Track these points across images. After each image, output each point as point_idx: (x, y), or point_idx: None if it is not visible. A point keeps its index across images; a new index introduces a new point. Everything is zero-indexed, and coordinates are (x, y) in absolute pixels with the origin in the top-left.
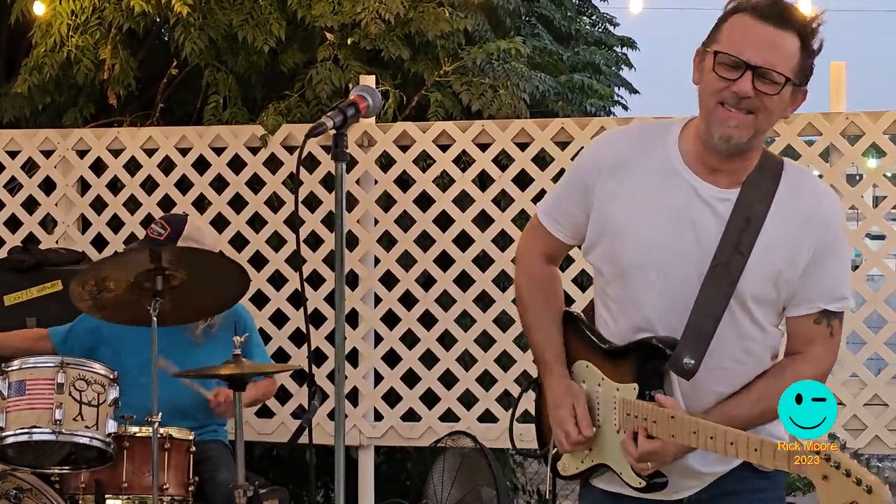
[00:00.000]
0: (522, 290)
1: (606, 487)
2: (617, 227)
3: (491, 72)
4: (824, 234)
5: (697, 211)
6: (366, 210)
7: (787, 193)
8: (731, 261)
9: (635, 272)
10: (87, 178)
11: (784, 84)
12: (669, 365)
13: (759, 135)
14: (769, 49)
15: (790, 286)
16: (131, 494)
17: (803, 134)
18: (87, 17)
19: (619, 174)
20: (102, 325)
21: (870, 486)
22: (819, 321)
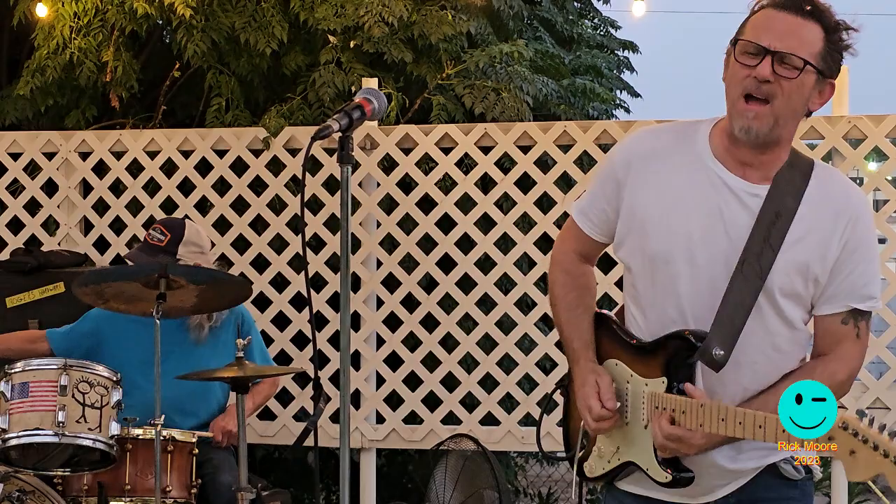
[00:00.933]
0: (556, 285)
1: (633, 490)
2: (646, 218)
3: (493, 75)
4: (854, 230)
5: (727, 204)
6: (368, 213)
7: (818, 190)
8: (761, 254)
9: (664, 264)
10: (90, 180)
11: (803, 68)
12: (699, 356)
13: (781, 124)
14: (788, 35)
15: (819, 282)
16: (134, 496)
17: (805, 137)
18: (90, 20)
19: (650, 168)
20: (101, 327)
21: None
22: (847, 321)
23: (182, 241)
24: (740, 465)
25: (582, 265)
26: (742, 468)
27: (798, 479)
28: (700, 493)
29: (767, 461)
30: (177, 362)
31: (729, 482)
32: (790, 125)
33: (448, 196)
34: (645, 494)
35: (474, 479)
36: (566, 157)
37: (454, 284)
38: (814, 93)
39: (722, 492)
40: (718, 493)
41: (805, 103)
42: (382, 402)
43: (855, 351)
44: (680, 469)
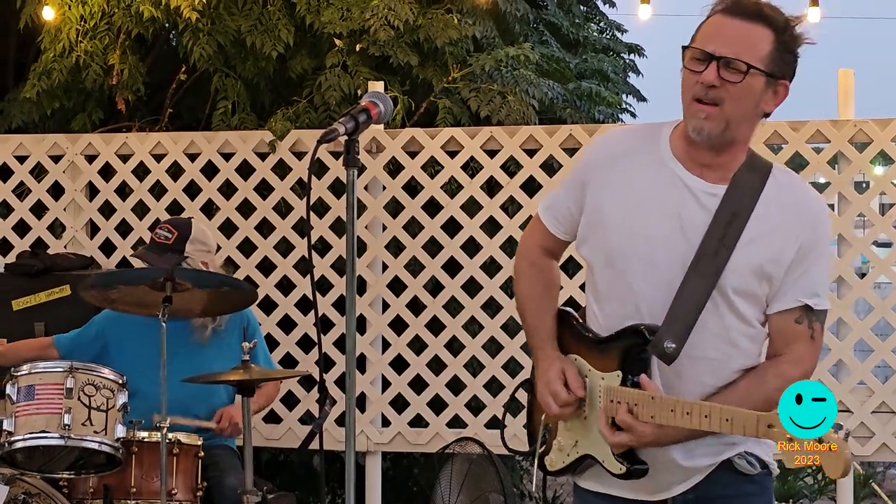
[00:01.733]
0: (522, 277)
1: (596, 488)
2: (608, 217)
3: (499, 78)
4: (810, 232)
5: (685, 203)
6: (374, 216)
7: (775, 192)
8: (716, 253)
9: (622, 261)
10: (96, 183)
11: (747, 72)
12: (651, 348)
13: (734, 127)
14: (735, 40)
15: (773, 282)
16: (140, 499)
17: (811, 141)
18: (96, 23)
19: (614, 168)
20: (107, 331)
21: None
22: (800, 320)
23: (189, 239)
24: (696, 461)
25: (548, 259)
26: (697, 465)
27: (754, 473)
28: (657, 490)
29: (722, 457)
30: (181, 365)
31: (685, 479)
32: (743, 127)
33: (454, 199)
34: (606, 492)
35: (480, 482)
36: (572, 161)
37: (460, 287)
38: (765, 95)
39: (679, 488)
40: (675, 490)
41: (756, 105)
42: (388, 405)
43: (809, 352)
44: (635, 461)
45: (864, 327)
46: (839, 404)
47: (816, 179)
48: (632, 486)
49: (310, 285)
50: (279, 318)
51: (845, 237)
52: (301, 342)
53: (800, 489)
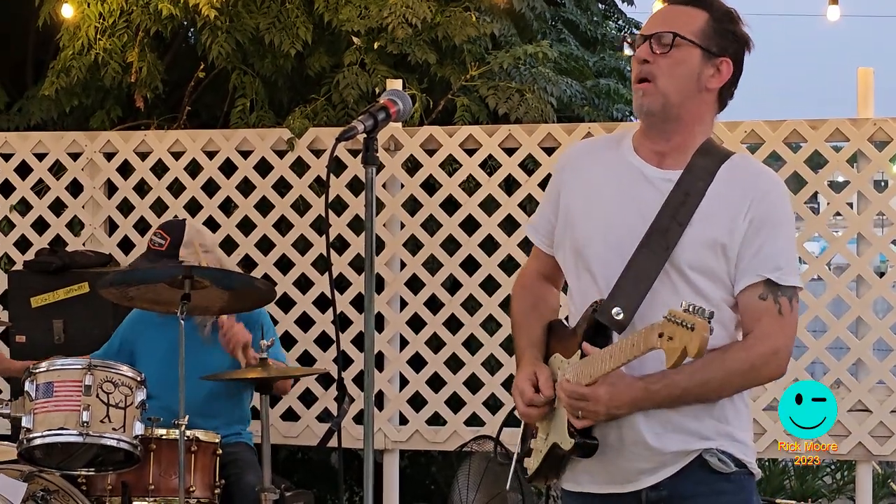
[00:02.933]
0: (513, 298)
1: (573, 488)
2: (572, 212)
3: (518, 76)
4: (761, 203)
5: (642, 190)
6: (392, 214)
7: (729, 172)
8: (668, 229)
9: (585, 248)
10: (114, 180)
11: (673, 42)
12: (598, 315)
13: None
14: (665, 19)
15: (729, 256)
16: (158, 496)
17: (831, 140)
18: (115, 20)
19: (580, 170)
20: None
21: (692, 324)
22: (764, 296)
23: (182, 244)
24: (664, 443)
25: (542, 282)
26: (665, 447)
27: (728, 472)
28: (626, 479)
29: (692, 448)
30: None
31: (654, 467)
32: (687, 104)
33: (472, 197)
34: (581, 490)
35: (497, 481)
36: None
37: (478, 286)
38: (704, 69)
39: (649, 479)
40: (645, 481)
41: (696, 80)
42: (406, 403)
43: (776, 326)
44: (585, 435)
45: (884, 326)
46: (858, 403)
47: (835, 178)
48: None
49: (328, 283)
50: (297, 315)
51: (865, 236)
52: (319, 340)
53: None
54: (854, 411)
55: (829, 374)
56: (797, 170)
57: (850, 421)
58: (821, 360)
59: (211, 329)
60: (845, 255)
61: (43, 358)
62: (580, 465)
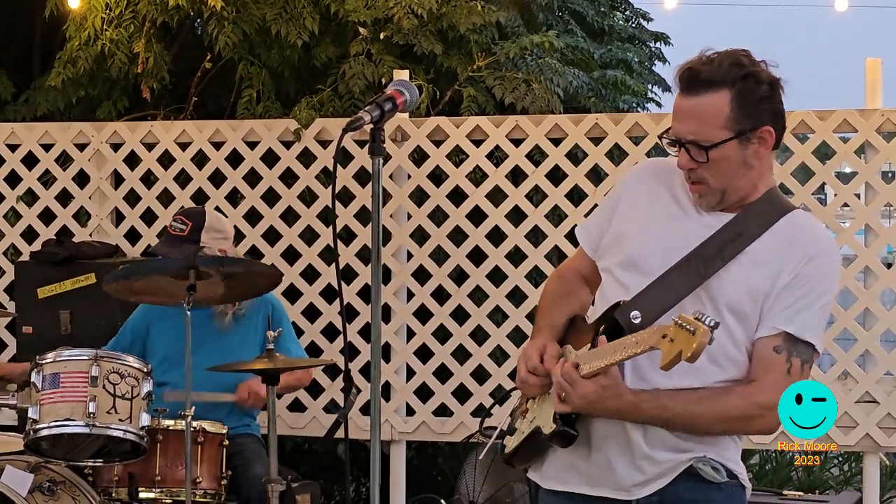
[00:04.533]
0: (547, 284)
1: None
2: (622, 232)
3: (524, 66)
4: (810, 263)
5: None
6: (399, 205)
7: (787, 226)
8: (711, 259)
9: (627, 265)
10: (121, 171)
11: (711, 147)
12: (617, 313)
13: (731, 190)
14: (688, 120)
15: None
16: (164, 488)
17: (838, 131)
18: (122, 11)
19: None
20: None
21: (694, 329)
22: (779, 350)
23: (204, 229)
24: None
25: (580, 280)
26: (658, 457)
27: (719, 481)
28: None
29: (683, 457)
30: (207, 354)
31: (647, 476)
32: (741, 184)
33: (479, 188)
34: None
35: (504, 471)
36: (597, 150)
37: (484, 277)
38: (746, 151)
39: (642, 490)
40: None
41: (742, 164)
42: (412, 394)
43: (780, 384)
44: (567, 423)
45: (891, 317)
46: (865, 395)
47: (843, 169)
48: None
49: (335, 274)
50: (304, 306)
51: (872, 227)
52: (325, 331)
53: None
54: (861, 402)
55: (837, 365)
56: (805, 160)
57: (858, 412)
58: (828, 351)
59: (232, 318)
60: (853, 247)
61: (49, 349)
62: (566, 462)
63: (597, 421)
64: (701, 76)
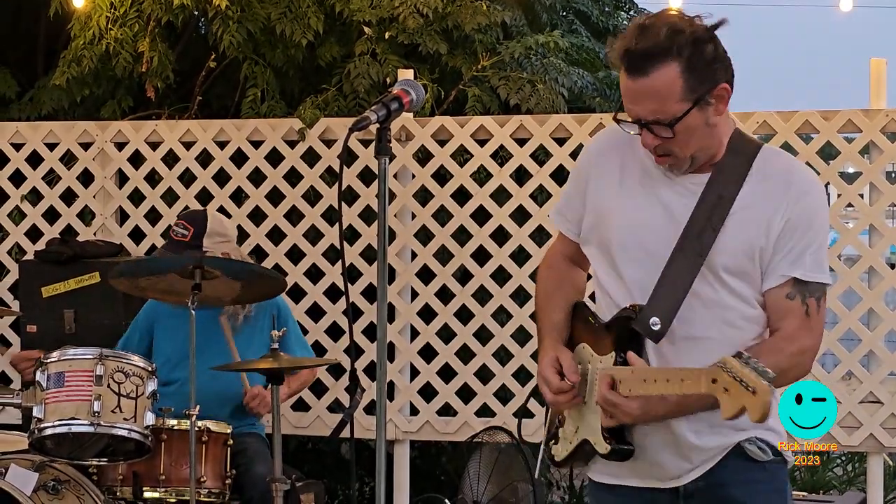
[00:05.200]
0: (539, 280)
1: (607, 480)
2: (602, 211)
3: (529, 66)
4: (796, 205)
5: (673, 193)
6: (403, 204)
7: (761, 172)
8: (702, 232)
9: (619, 251)
10: (125, 170)
11: (674, 124)
12: (637, 325)
13: (699, 152)
14: (645, 100)
15: (764, 258)
16: (169, 487)
17: (843, 131)
18: (126, 10)
19: (607, 164)
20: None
21: (754, 388)
22: (792, 296)
23: (206, 234)
24: (705, 441)
25: (567, 263)
26: (706, 445)
27: (765, 460)
28: (667, 475)
29: (732, 440)
30: (214, 354)
31: (695, 464)
32: (707, 144)
33: (483, 188)
34: (618, 483)
35: (508, 471)
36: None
37: (489, 276)
38: (707, 113)
39: (689, 476)
40: (685, 479)
41: (705, 126)
42: (416, 393)
43: (803, 327)
44: (621, 441)
45: (894, 318)
46: (869, 395)
47: (847, 169)
48: (642, 473)
49: (338, 273)
50: (308, 306)
51: (876, 227)
52: (329, 330)
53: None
54: (865, 403)
55: (841, 365)
56: (809, 161)
57: (862, 412)
58: (832, 351)
59: (242, 319)
60: (857, 247)
61: (54, 348)
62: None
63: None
64: (644, 53)
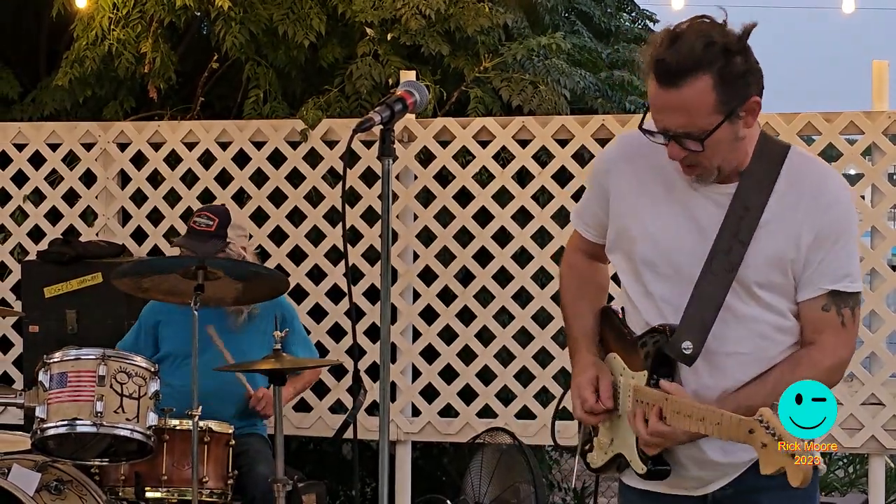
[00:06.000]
0: (561, 279)
1: (638, 485)
2: (628, 224)
3: (531, 68)
4: (826, 215)
5: (700, 205)
6: (405, 205)
7: (788, 179)
8: (731, 249)
9: (646, 268)
10: (128, 171)
11: (705, 136)
12: (668, 350)
13: (725, 164)
14: (676, 114)
15: (796, 269)
16: (171, 487)
17: (845, 133)
18: (129, 11)
19: (629, 173)
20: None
21: (792, 452)
22: (828, 308)
23: (230, 225)
24: (733, 458)
25: (587, 260)
26: (736, 461)
27: None
28: (696, 486)
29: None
30: (216, 355)
31: (724, 474)
32: (733, 156)
33: (485, 189)
34: (647, 488)
35: (510, 472)
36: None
37: (491, 278)
38: (736, 126)
39: (717, 484)
40: (713, 486)
41: (734, 140)
42: (418, 394)
43: (840, 340)
44: (658, 462)
45: None
46: (871, 397)
47: (849, 171)
48: (671, 482)
49: (341, 274)
50: (310, 306)
51: (878, 229)
52: (332, 331)
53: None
54: (867, 405)
55: None
56: None
57: (864, 414)
58: None
59: (246, 318)
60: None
61: (56, 348)
62: None
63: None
64: (677, 66)
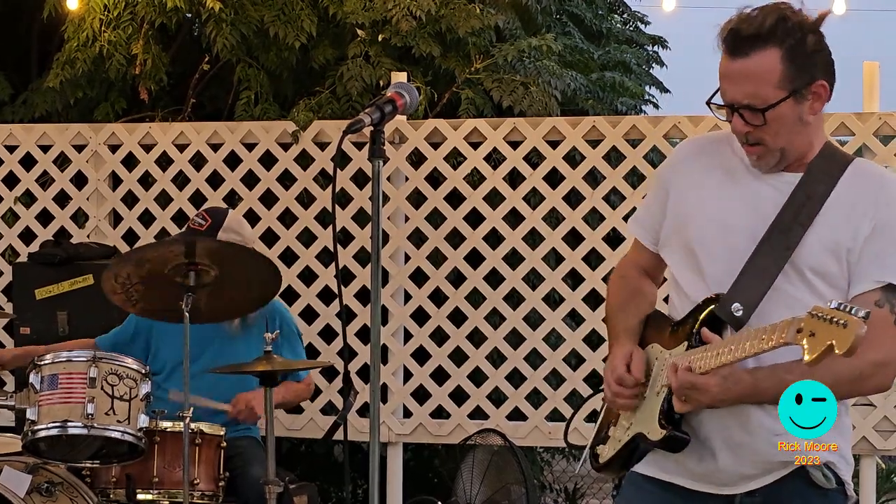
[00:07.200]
0: (610, 289)
1: (654, 474)
2: (686, 212)
3: (522, 69)
4: (886, 208)
5: (760, 188)
6: (396, 207)
7: (852, 177)
8: (790, 229)
9: (701, 248)
10: (119, 172)
11: (766, 110)
12: (718, 310)
13: (789, 148)
14: (742, 82)
15: (850, 261)
16: (162, 489)
17: (836, 134)
18: (120, 13)
19: (691, 168)
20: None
21: (846, 322)
22: (881, 303)
23: (222, 227)
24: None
25: (640, 275)
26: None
27: (828, 488)
28: (723, 481)
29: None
30: (212, 356)
31: (757, 473)
32: (799, 141)
33: (476, 191)
34: (667, 479)
35: (501, 474)
36: (595, 153)
37: (482, 279)
38: (802, 107)
39: (745, 486)
40: (741, 488)
41: (798, 122)
42: (410, 396)
43: (890, 335)
44: (677, 428)
45: None
46: (862, 398)
47: None
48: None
49: (332, 276)
50: (301, 308)
51: None
52: (323, 333)
53: None
54: (858, 405)
55: None
56: None
57: (855, 415)
58: None
59: (240, 323)
60: None
61: None
62: (671, 457)
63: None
64: (747, 35)
